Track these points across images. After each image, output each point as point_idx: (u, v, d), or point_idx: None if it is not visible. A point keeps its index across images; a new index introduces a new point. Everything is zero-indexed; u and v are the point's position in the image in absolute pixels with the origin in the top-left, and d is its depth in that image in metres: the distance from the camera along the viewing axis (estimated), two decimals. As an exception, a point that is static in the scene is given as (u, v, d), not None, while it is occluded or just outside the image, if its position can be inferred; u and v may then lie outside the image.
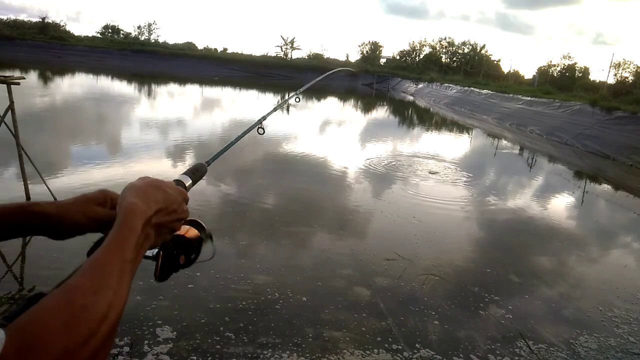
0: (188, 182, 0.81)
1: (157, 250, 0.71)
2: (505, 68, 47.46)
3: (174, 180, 0.77)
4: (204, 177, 0.88)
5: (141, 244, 0.61)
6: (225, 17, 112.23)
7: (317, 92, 29.55)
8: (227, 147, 1.09)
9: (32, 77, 19.92)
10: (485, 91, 24.63)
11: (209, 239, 0.80)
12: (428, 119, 21.42)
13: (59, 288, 0.51)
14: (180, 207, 0.69)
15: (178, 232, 0.73)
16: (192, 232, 0.77)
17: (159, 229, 0.65)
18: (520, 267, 4.47)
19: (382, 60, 53.64)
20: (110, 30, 50.75)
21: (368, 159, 8.90)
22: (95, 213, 0.73)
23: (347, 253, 4.29)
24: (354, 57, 54.82)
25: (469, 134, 16.46)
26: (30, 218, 0.69)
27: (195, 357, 2.60)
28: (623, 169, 11.42)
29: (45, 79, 20.97)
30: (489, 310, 3.54)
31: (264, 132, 1.23)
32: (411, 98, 32.16)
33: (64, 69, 26.57)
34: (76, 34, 45.42)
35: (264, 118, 1.24)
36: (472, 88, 26.41)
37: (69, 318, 0.47)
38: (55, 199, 4.74)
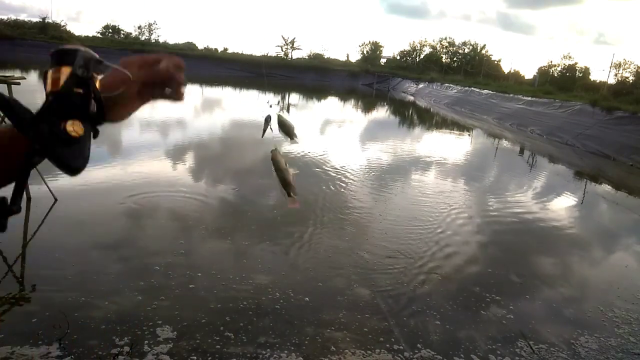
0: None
1: None
2: (506, 68, 47.50)
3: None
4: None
5: None
6: (225, 17, 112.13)
7: (318, 92, 29.57)
8: None
9: (33, 77, 19.89)
10: (485, 91, 24.63)
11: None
12: (428, 119, 21.41)
13: None
14: None
15: None
16: None
17: None
18: (521, 267, 4.46)
19: (383, 60, 53.66)
20: (110, 30, 50.73)
21: (368, 159, 8.91)
22: None
23: (348, 253, 4.29)
24: (355, 57, 54.89)
25: (469, 134, 16.45)
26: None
27: (195, 357, 2.59)
28: (623, 169, 11.42)
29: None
30: (490, 310, 3.53)
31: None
32: (411, 98, 32.15)
33: (64, 69, 26.52)
34: (77, 33, 45.41)
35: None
36: (472, 88, 26.42)
37: None
38: (55, 199, 4.74)
